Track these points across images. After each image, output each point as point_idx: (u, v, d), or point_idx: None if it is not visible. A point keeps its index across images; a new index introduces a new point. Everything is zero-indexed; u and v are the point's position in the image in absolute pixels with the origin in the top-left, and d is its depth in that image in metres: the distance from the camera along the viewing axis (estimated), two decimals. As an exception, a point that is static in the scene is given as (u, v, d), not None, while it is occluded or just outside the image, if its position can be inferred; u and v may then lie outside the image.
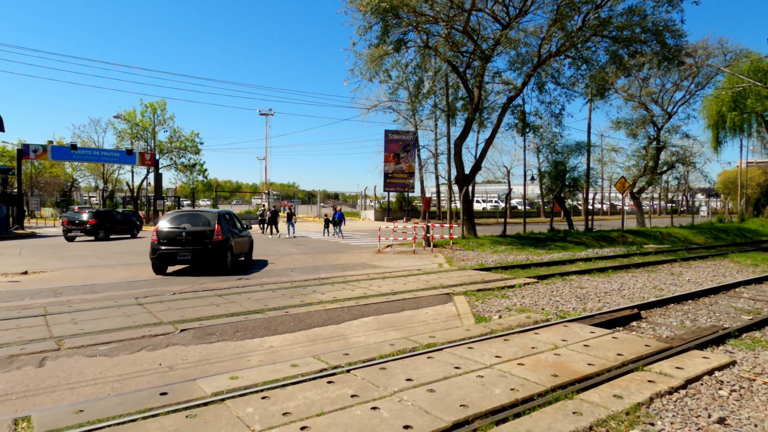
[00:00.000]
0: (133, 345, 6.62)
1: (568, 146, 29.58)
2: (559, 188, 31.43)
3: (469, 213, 26.13)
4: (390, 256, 18.49)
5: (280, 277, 13.05)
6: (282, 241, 25.82)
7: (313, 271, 14.16)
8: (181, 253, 13.29)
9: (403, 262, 16.33)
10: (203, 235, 13.43)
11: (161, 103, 41.43)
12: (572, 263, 16.62)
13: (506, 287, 11.36)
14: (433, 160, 45.06)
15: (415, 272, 13.64)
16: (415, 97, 26.93)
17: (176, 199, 41.52)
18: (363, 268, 15.00)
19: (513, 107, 27.33)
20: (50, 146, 34.60)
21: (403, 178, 44.75)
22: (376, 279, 12.19)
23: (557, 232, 29.16)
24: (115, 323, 7.67)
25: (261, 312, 8.49)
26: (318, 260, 17.16)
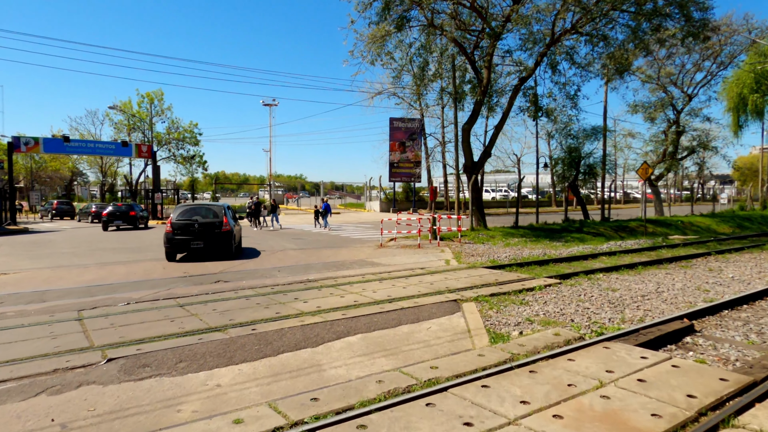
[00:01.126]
0: (36, 384, 4.94)
1: (583, 131, 27.56)
2: (573, 176, 29.46)
3: (479, 203, 24.30)
4: (392, 251, 16.75)
5: (263, 278, 11.35)
6: (279, 235, 24.16)
7: (303, 271, 12.46)
8: (194, 241, 14.86)
9: (406, 259, 14.58)
10: (213, 225, 15.21)
11: (158, 93, 39.78)
12: (595, 258, 14.78)
13: (524, 290, 9.57)
14: (440, 148, 43.19)
15: (419, 271, 11.88)
16: (419, 79, 25.00)
17: (176, 192, 40.02)
18: (360, 266, 13.28)
19: (524, 90, 25.36)
20: (42, 139, 33.09)
21: (409, 168, 42.87)
22: (373, 281, 10.45)
23: (572, 223, 27.24)
24: (32, 349, 6.00)
25: (222, 330, 6.78)
26: (312, 257, 15.46)
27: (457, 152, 24.12)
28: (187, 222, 15.03)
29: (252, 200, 30.37)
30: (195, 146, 41.54)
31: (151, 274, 12.22)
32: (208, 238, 14.98)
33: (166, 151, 40.66)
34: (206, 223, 15.18)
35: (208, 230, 15.08)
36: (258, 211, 27.98)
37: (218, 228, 15.22)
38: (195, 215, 15.40)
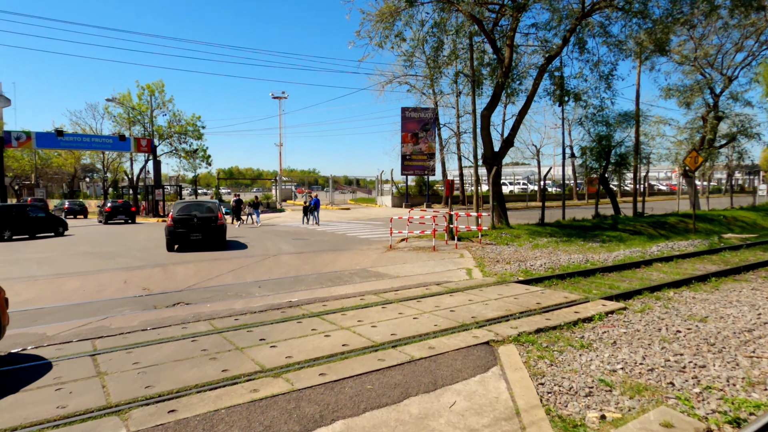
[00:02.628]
0: None
1: (614, 117, 24.54)
2: (603, 167, 26.50)
3: (500, 198, 21.54)
4: (402, 256, 14.13)
5: (234, 299, 8.80)
6: (278, 235, 21.65)
7: (289, 286, 9.88)
8: (193, 234, 16.30)
9: (419, 267, 11.94)
10: (210, 220, 16.68)
11: (159, 84, 37.42)
12: (649, 266, 11.99)
13: (580, 321, 6.88)
14: (455, 139, 40.34)
15: (434, 288, 9.23)
16: (433, 61, 22.24)
17: (178, 188, 37.78)
18: (362, 278, 10.67)
19: (550, 71, 22.49)
20: (34, 133, 30.97)
21: (423, 160, 40.10)
22: (374, 305, 7.81)
23: (604, 219, 24.33)
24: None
25: (121, 412, 4.22)
26: (307, 264, 12.90)
27: (475, 142, 21.37)
28: (186, 217, 16.44)
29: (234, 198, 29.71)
30: (198, 140, 39.18)
31: (102, 292, 9.73)
32: (206, 230, 16.50)
33: (168, 145, 38.39)
34: (204, 218, 16.67)
35: (205, 224, 16.57)
36: (239, 209, 27.66)
37: (214, 222, 16.85)
38: (193, 211, 16.88)
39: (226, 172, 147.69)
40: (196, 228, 16.35)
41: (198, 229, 16.36)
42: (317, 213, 27.00)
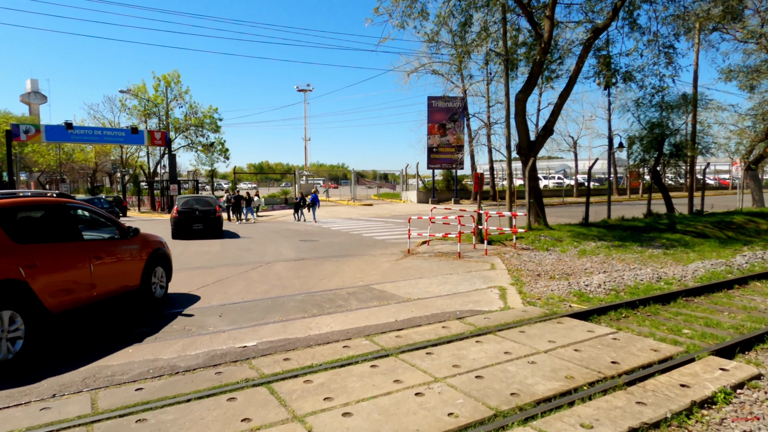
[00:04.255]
0: None
1: (671, 101, 21.05)
2: (655, 158, 23.03)
3: (537, 193, 18.50)
4: (420, 265, 11.39)
5: (168, 342, 6.24)
6: (286, 235, 19.16)
7: (260, 314, 7.25)
8: (196, 224, 18.33)
9: (437, 284, 9.17)
10: (209, 212, 18.65)
11: (174, 75, 35.50)
12: (744, 285, 8.90)
13: (696, 407, 4.04)
14: (486, 130, 37.13)
15: (453, 326, 6.44)
16: (461, 39, 19.28)
17: (195, 183, 35.88)
18: (360, 301, 7.98)
19: (596, 48, 19.26)
20: (43, 126, 29.41)
21: (450, 153, 37.06)
22: (359, 362, 5.04)
23: (658, 218, 20.98)
24: None
25: None
26: (300, 277, 10.29)
27: (508, 130, 18.38)
28: (189, 209, 18.59)
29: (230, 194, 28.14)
30: (215, 133, 37.11)
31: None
32: (206, 221, 18.47)
33: (184, 138, 36.48)
34: (204, 211, 18.71)
35: (205, 216, 18.59)
36: (239, 205, 26.57)
37: (213, 214, 18.86)
38: (195, 204, 19.01)
39: (257, 167, 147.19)
40: (197, 219, 18.43)
41: (199, 220, 18.44)
42: (314, 210, 25.61)
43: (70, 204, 6.58)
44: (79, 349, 5.85)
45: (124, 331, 6.55)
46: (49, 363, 5.35)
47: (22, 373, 5.03)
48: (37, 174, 57.32)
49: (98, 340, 6.22)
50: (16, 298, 5.26)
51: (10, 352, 5.13)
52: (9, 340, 5.17)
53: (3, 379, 4.86)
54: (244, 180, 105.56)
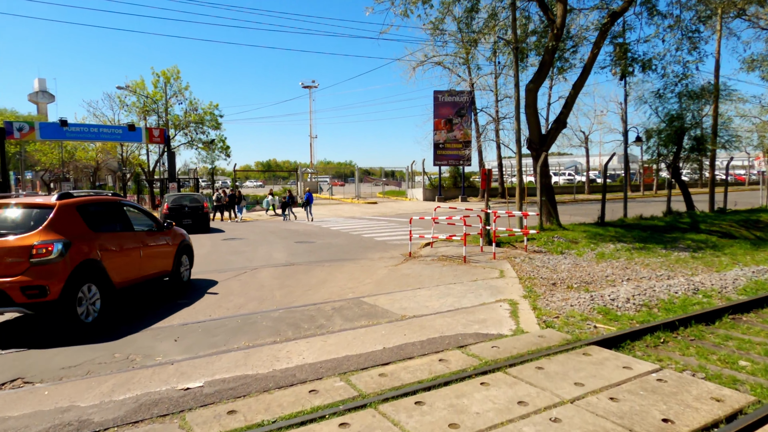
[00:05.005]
0: None
1: (694, 90, 19.54)
2: (674, 153, 21.57)
3: (549, 191, 17.16)
4: (420, 272, 10.14)
5: (97, 379, 5.05)
6: (282, 236, 17.95)
7: (223, 338, 6.03)
8: (185, 219, 19.28)
9: (437, 297, 7.91)
10: (198, 208, 20.09)
11: (173, 71, 34.40)
12: (799, 299, 7.56)
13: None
14: (494, 125, 35.69)
15: (453, 359, 5.19)
16: (467, 26, 17.96)
17: (196, 181, 34.84)
18: (345, 319, 6.75)
19: (613, 36, 17.83)
20: (38, 123, 28.41)
21: (457, 149, 35.69)
22: (325, 418, 3.84)
23: (678, 216, 19.56)
24: None
25: None
26: (284, 287, 9.06)
27: (518, 123, 17.02)
28: (178, 206, 19.81)
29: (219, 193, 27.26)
30: (216, 130, 36.00)
31: None
32: (194, 217, 19.48)
33: (184, 136, 35.41)
34: (193, 207, 20.02)
35: (194, 211, 19.77)
36: (232, 204, 26.11)
37: (201, 210, 20.10)
38: (184, 201, 20.40)
39: (264, 165, 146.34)
40: (186, 215, 19.43)
41: (188, 216, 19.41)
42: (309, 209, 24.80)
43: (122, 201, 8.19)
44: (141, 314, 7.36)
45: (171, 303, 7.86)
46: (124, 324, 6.88)
47: (104, 330, 6.52)
48: (41, 173, 56.69)
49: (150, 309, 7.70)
50: (94, 274, 6.71)
51: (91, 314, 6.67)
52: (91, 305, 6.67)
53: (93, 333, 6.37)
54: (252, 178, 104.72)
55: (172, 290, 9.05)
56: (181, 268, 9.35)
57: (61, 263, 6.17)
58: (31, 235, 6.15)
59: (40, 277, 6.00)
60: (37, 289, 5.97)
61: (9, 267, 5.95)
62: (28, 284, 5.94)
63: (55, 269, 6.11)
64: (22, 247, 6.02)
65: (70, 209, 6.72)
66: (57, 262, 6.14)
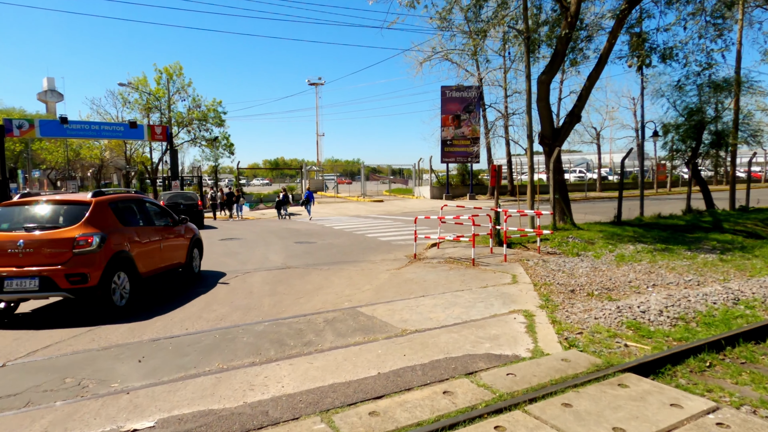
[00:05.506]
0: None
1: (715, 81, 18.44)
2: (692, 149, 20.49)
3: (562, 188, 16.21)
4: (425, 276, 9.27)
5: (33, 413, 4.24)
6: (281, 236, 17.15)
7: (193, 360, 5.19)
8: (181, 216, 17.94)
9: (442, 307, 7.04)
10: (192, 206, 20.82)
11: (176, 67, 33.68)
12: None
13: None
14: (503, 121, 34.68)
15: (461, 392, 4.31)
16: (475, 15, 17.01)
17: (199, 179, 34.14)
18: (337, 335, 5.89)
19: (629, 26, 16.80)
20: (37, 121, 27.85)
21: (465, 146, 34.71)
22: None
23: (698, 215, 18.52)
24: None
25: None
26: (275, 294, 8.23)
27: (530, 117, 16.06)
28: (174, 203, 19.89)
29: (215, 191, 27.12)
30: (219, 127, 35.27)
31: None
32: (189, 214, 18.12)
33: (187, 133, 34.72)
34: (188, 204, 20.50)
35: (189, 209, 19.81)
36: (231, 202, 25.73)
37: (195, 208, 20.73)
38: (179, 199, 20.84)
39: (272, 163, 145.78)
40: (182, 212, 18.65)
41: (184, 213, 18.55)
42: (309, 207, 24.21)
43: (144, 198, 9.06)
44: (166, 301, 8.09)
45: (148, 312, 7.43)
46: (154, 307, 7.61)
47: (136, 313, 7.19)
48: (48, 171, 56.41)
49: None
50: (125, 263, 7.35)
51: (123, 297, 7.30)
52: (121, 292, 7.26)
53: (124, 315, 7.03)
54: (260, 176, 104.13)
55: (157, 294, 8.30)
56: (193, 261, 10.05)
57: (99, 254, 6.90)
58: (72, 229, 6.87)
59: (82, 266, 6.72)
60: (80, 276, 6.69)
61: (54, 256, 6.65)
62: (72, 272, 6.64)
63: (94, 259, 6.83)
64: (65, 239, 6.74)
65: (104, 206, 7.42)
66: (96, 253, 6.86)
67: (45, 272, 6.55)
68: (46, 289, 6.58)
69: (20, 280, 6.54)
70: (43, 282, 6.55)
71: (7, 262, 6.59)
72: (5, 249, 6.61)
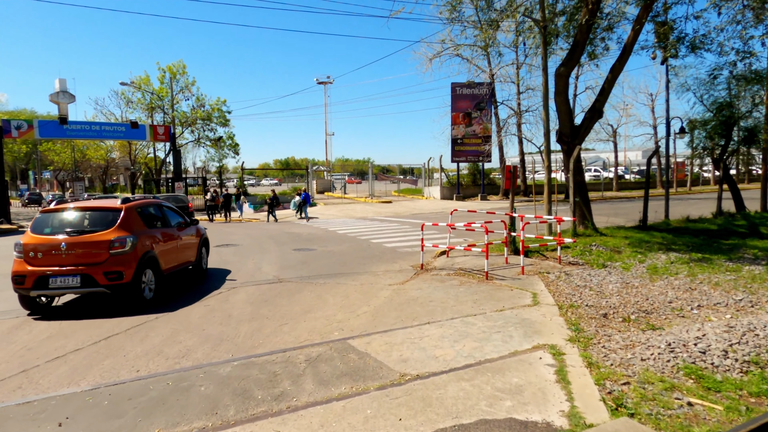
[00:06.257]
0: None
1: (749, 75, 16.90)
2: (721, 146, 18.99)
3: (582, 190, 14.85)
4: (431, 294, 8.04)
5: None
6: (280, 241, 15.99)
7: (133, 421, 4.05)
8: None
9: (450, 342, 5.80)
10: (183, 208, 20.65)
11: (179, 65, 32.75)
12: None
13: None
14: (515, 119, 33.27)
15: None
16: (487, 4, 15.69)
17: (204, 180, 33.19)
18: (321, 383, 4.69)
19: (654, 14, 15.36)
20: (36, 121, 27.04)
21: (477, 144, 33.34)
22: None
23: (730, 218, 17.04)
24: None
25: None
26: (258, 317, 7.04)
27: (547, 112, 14.73)
28: None
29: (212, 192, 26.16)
30: (224, 127, 34.28)
31: None
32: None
33: (191, 133, 33.78)
34: (179, 206, 19.28)
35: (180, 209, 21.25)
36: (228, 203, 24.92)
37: (187, 208, 22.10)
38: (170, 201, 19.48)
39: (283, 163, 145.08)
40: None
41: None
42: (305, 209, 23.66)
43: (162, 202, 9.65)
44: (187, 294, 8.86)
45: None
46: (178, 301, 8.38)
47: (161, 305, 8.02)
48: (56, 172, 55.96)
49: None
50: (151, 262, 8.20)
51: (151, 291, 8.15)
52: (149, 286, 8.10)
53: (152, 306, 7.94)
54: (270, 176, 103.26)
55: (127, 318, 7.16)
56: (202, 259, 10.72)
57: (132, 254, 7.68)
58: (108, 232, 7.63)
59: (118, 265, 7.49)
60: (116, 273, 7.45)
61: (93, 257, 7.42)
62: (110, 270, 7.42)
63: (128, 258, 7.60)
64: (103, 242, 7.50)
65: (132, 211, 8.18)
66: (129, 253, 7.65)
67: (86, 270, 7.34)
68: (87, 285, 7.37)
69: (63, 278, 7.33)
70: (84, 279, 7.35)
71: (51, 261, 7.34)
72: (49, 250, 7.36)
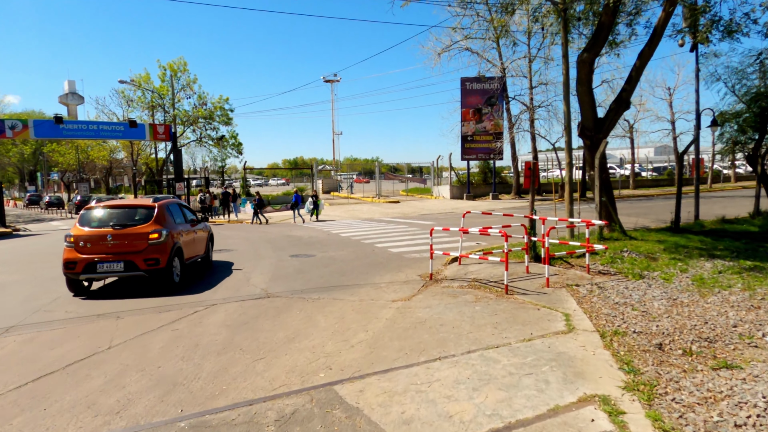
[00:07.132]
0: None
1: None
2: (755, 140, 17.37)
3: (608, 189, 13.34)
4: (441, 316, 6.68)
5: None
6: (279, 246, 14.67)
7: None
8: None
9: (467, 390, 4.44)
10: None
11: (180, 63, 31.60)
12: None
13: None
14: (528, 114, 31.73)
15: None
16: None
17: (206, 180, 32.05)
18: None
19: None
20: (31, 121, 25.98)
21: (487, 142, 31.84)
22: None
23: (769, 218, 15.47)
24: None
25: None
26: (231, 347, 5.72)
27: (567, 104, 13.28)
28: None
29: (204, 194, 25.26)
30: (227, 125, 33.09)
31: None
32: None
33: (193, 132, 32.66)
34: None
35: None
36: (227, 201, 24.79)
37: None
38: None
39: (291, 162, 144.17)
40: None
41: None
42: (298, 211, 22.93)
43: (181, 202, 11.32)
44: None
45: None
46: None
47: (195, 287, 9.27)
48: (62, 173, 55.23)
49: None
50: (178, 252, 9.49)
51: (178, 276, 9.39)
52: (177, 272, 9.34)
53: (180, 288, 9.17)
54: (278, 176, 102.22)
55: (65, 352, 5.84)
56: (209, 252, 11.98)
57: (166, 244, 8.96)
58: (146, 226, 8.96)
59: (156, 252, 8.78)
60: (154, 260, 8.72)
61: (134, 246, 8.71)
62: (149, 257, 8.70)
63: (163, 248, 8.88)
64: (143, 233, 8.83)
65: (164, 208, 9.55)
66: (164, 243, 8.92)
67: (129, 257, 8.61)
68: (129, 270, 8.60)
69: (109, 264, 8.58)
70: (127, 264, 8.60)
71: (98, 249, 8.59)
72: (98, 241, 8.62)
